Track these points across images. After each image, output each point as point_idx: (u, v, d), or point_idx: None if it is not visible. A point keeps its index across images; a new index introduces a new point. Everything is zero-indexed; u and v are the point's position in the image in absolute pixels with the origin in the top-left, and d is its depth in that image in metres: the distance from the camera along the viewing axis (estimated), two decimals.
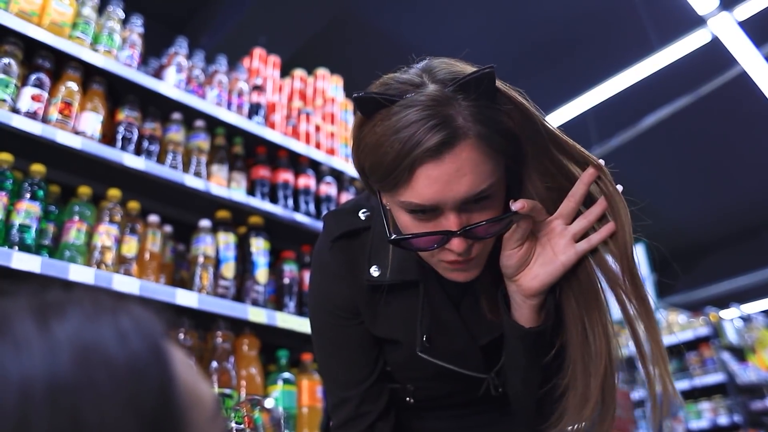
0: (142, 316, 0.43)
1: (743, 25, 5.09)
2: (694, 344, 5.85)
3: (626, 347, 5.25)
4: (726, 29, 5.07)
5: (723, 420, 5.43)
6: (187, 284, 2.13)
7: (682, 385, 5.71)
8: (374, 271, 1.01)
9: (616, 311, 0.92)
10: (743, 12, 5.00)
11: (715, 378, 5.54)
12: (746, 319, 6.19)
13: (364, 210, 1.07)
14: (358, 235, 1.05)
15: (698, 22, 5.07)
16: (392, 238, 0.89)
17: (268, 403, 1.87)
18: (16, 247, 1.71)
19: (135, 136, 2.15)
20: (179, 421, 0.40)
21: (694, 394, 5.72)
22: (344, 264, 1.05)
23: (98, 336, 0.39)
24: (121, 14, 2.30)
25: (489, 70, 0.82)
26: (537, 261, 0.91)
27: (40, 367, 0.37)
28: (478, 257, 0.90)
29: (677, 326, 6.07)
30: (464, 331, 1.03)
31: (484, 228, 0.86)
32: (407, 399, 1.12)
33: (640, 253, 5.29)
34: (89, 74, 2.11)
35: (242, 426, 1.09)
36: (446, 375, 1.05)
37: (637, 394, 5.32)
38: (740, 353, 5.78)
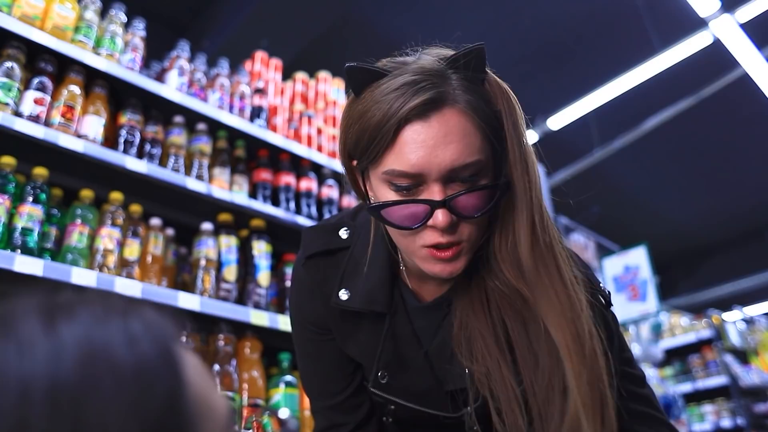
0: (154, 320, 0.42)
1: (745, 27, 5.09)
2: (696, 347, 5.83)
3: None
4: (727, 31, 5.07)
5: (726, 423, 5.41)
6: (189, 287, 2.13)
7: (685, 387, 5.69)
8: (343, 294, 0.98)
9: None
10: (745, 14, 5.00)
11: (717, 381, 5.52)
12: (749, 321, 6.17)
13: (345, 228, 1.04)
14: (334, 254, 1.02)
15: (700, 24, 5.07)
16: (371, 204, 0.85)
17: (283, 413, 1.85)
18: (19, 251, 1.71)
19: (137, 140, 2.15)
20: (186, 429, 0.39)
21: (696, 397, 5.70)
22: (316, 282, 1.03)
23: (106, 339, 0.39)
24: (124, 18, 2.30)
25: (479, 45, 0.82)
26: None
27: (42, 368, 0.36)
28: (463, 247, 0.85)
29: (680, 329, 6.06)
30: (428, 373, 0.98)
31: (470, 201, 0.81)
32: (384, 419, 1.08)
33: (642, 255, 5.29)
34: (91, 78, 2.12)
35: None
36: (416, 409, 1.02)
37: None
38: (743, 356, 5.76)
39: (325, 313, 1.03)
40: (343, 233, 1.03)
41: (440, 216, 0.80)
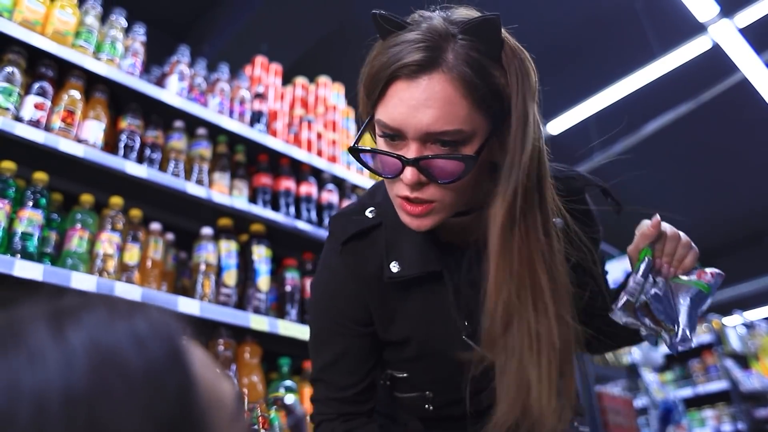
0: (159, 319, 0.43)
1: (744, 32, 5.10)
2: (697, 351, 5.82)
3: (629, 355, 5.21)
4: (727, 36, 5.08)
5: (727, 428, 5.40)
6: (188, 292, 2.13)
7: (686, 392, 5.68)
8: (394, 267, 0.99)
9: None
10: (743, 19, 5.00)
11: (718, 385, 5.51)
12: (749, 326, 6.16)
13: (370, 209, 1.05)
14: (368, 235, 1.04)
15: (699, 29, 5.08)
16: (351, 146, 0.89)
17: (288, 399, 1.84)
18: (19, 255, 1.71)
19: (137, 144, 2.15)
20: (199, 423, 0.40)
21: (697, 402, 5.69)
22: (354, 266, 1.03)
23: (114, 342, 0.39)
24: (124, 23, 2.31)
25: (493, 16, 0.83)
26: None
27: (55, 378, 0.36)
28: (434, 207, 0.87)
29: None
30: None
31: (440, 166, 0.83)
32: (426, 406, 1.08)
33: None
34: (92, 82, 2.12)
35: (256, 427, 1.08)
36: (465, 373, 1.00)
37: (640, 401, 5.29)
38: (743, 360, 5.75)
39: (362, 297, 1.03)
40: (369, 213, 1.05)
41: (408, 174, 0.84)
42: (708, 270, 1.00)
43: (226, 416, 0.43)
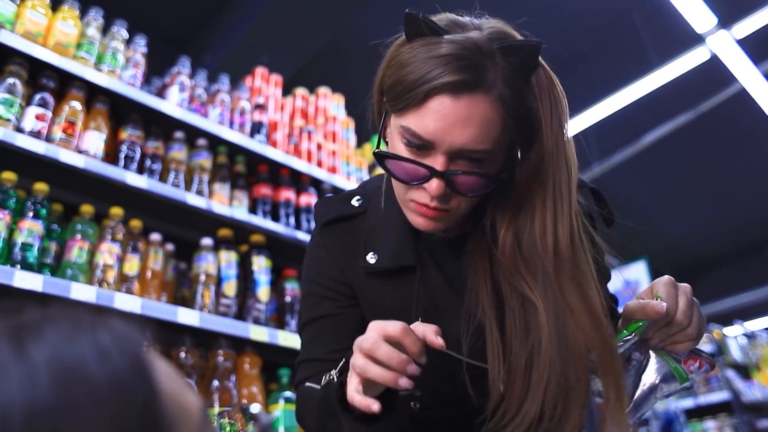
0: (122, 331, 0.42)
1: (741, 43, 5.13)
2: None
3: None
4: (724, 47, 5.11)
5: None
6: (188, 302, 2.12)
7: (687, 403, 5.65)
8: (371, 258, 1.01)
9: None
10: (741, 30, 5.03)
11: (720, 396, 5.48)
12: (750, 336, 6.14)
13: (357, 197, 1.07)
14: (351, 221, 1.05)
15: (697, 40, 5.11)
16: (377, 150, 0.90)
17: (254, 408, 1.86)
18: (19, 266, 1.71)
19: (137, 155, 2.16)
20: None
21: (699, 413, 5.65)
22: (333, 249, 1.05)
23: (77, 356, 0.38)
24: (125, 34, 2.32)
25: (536, 42, 0.85)
26: None
27: (17, 394, 0.35)
28: (450, 214, 0.91)
29: None
30: (461, 320, 0.99)
31: (466, 181, 0.86)
32: (412, 404, 1.04)
33: (642, 270, 5.29)
34: (93, 93, 2.13)
35: None
36: (450, 370, 0.98)
37: None
38: (745, 371, 5.72)
39: (347, 279, 1.04)
40: (355, 201, 1.07)
41: (434, 184, 0.86)
42: (700, 358, 0.91)
43: (193, 428, 0.43)
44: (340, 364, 0.86)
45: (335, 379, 0.85)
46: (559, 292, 0.86)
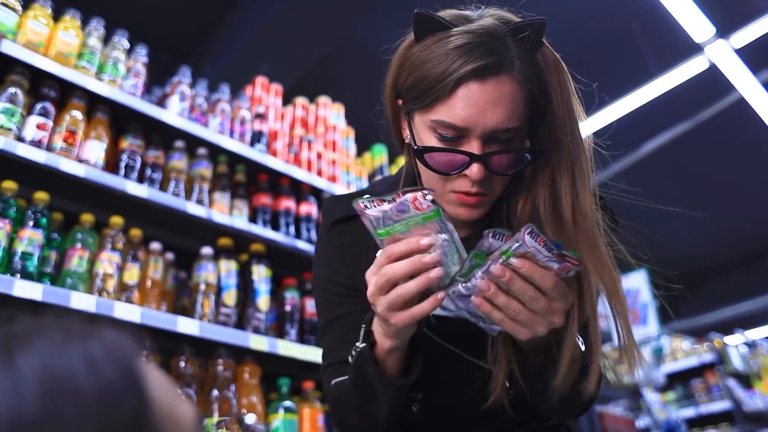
0: (114, 340, 0.41)
1: (740, 52, 5.15)
2: (699, 371, 5.78)
3: (630, 374, 5.16)
4: (723, 56, 5.13)
5: None
6: (188, 312, 2.12)
7: (688, 412, 5.62)
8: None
9: None
10: (739, 40, 5.05)
11: (721, 405, 5.46)
12: (751, 345, 6.13)
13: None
14: (358, 220, 1.05)
15: (695, 49, 5.13)
16: (416, 147, 0.91)
17: (249, 419, 1.85)
18: (18, 275, 1.71)
19: (138, 164, 2.16)
20: None
21: (700, 423, 5.63)
22: (341, 247, 1.07)
23: (66, 367, 0.38)
24: (126, 44, 2.33)
25: (541, 19, 0.89)
26: None
27: (2, 406, 0.35)
28: (487, 198, 0.93)
29: (681, 353, 6.01)
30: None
31: (504, 160, 0.89)
32: (412, 407, 1.05)
33: (642, 278, 5.28)
34: (94, 103, 2.14)
35: None
36: (452, 373, 1.01)
37: (642, 422, 5.25)
38: (746, 380, 5.70)
39: (358, 276, 1.02)
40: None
41: (475, 169, 0.88)
42: (564, 261, 0.81)
43: None
44: (362, 331, 0.90)
45: (363, 345, 0.90)
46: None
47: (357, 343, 0.92)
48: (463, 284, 0.82)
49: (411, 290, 0.80)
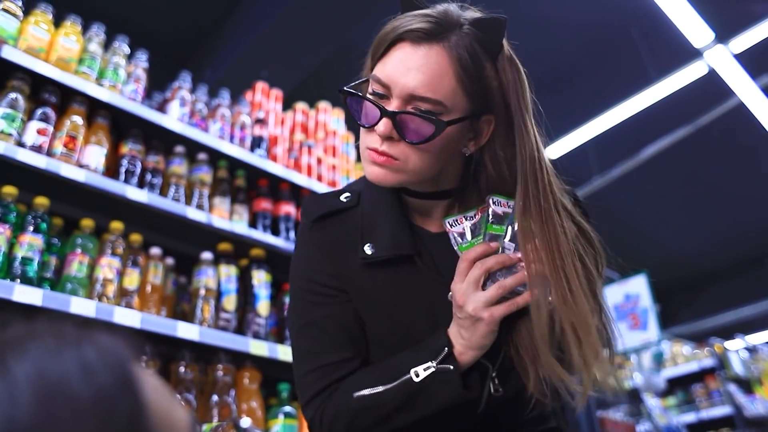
0: (108, 345, 0.41)
1: (739, 57, 5.16)
2: (699, 376, 5.77)
3: (631, 379, 5.16)
4: (722, 61, 5.14)
5: None
6: (188, 317, 2.12)
7: (689, 417, 5.61)
8: (368, 249, 1.00)
9: None
10: (738, 45, 5.07)
11: (722, 410, 5.44)
12: (751, 350, 6.11)
13: (346, 194, 1.09)
14: (339, 215, 1.06)
15: (695, 54, 5.15)
16: (344, 87, 0.96)
17: (244, 422, 1.84)
18: (18, 280, 1.71)
19: (138, 169, 2.16)
20: None
21: (701, 428, 5.61)
22: (323, 244, 1.05)
23: (60, 372, 0.37)
24: (127, 49, 2.33)
25: (501, 17, 0.92)
26: None
27: None
28: (397, 165, 0.93)
29: (682, 357, 6.00)
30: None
31: (409, 125, 0.90)
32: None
33: (643, 284, 5.27)
34: (94, 108, 2.14)
35: None
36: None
37: (642, 427, 5.23)
38: (747, 385, 5.69)
39: (340, 275, 1.02)
40: (344, 198, 1.08)
41: (382, 125, 0.91)
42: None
43: None
44: (441, 356, 0.91)
45: (450, 367, 0.91)
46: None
47: (429, 362, 0.91)
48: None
49: (511, 283, 0.90)
